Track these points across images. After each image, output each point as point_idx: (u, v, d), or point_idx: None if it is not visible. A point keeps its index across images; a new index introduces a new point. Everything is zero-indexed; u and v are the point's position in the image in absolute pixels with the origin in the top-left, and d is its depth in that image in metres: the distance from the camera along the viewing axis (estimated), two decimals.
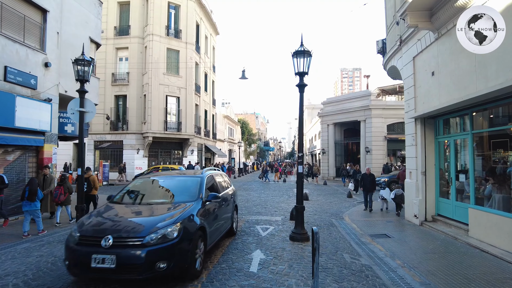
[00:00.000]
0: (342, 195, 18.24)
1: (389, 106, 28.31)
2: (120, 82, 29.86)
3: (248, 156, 69.41)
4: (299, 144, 7.57)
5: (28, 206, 8.22)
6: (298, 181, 7.53)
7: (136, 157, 29.08)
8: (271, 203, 14.34)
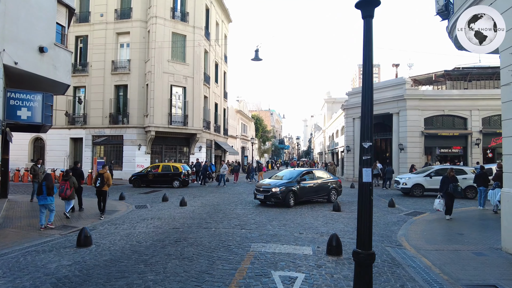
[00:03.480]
0: (380, 203, 14.49)
1: (427, 97, 24.20)
2: (121, 70, 26.88)
3: (262, 154, 65.93)
4: (365, 124, 4.07)
5: (44, 200, 8.65)
6: (363, 204, 3.98)
7: (137, 153, 26.05)
8: (291, 216, 10.74)
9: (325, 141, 55.91)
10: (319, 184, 14.00)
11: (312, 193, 13.74)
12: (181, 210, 11.63)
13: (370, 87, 4.15)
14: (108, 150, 27.29)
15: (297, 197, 12.86)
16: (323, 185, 14.11)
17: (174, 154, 28.02)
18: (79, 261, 5.64)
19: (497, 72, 27.64)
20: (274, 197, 12.45)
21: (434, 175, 16.87)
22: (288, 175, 13.95)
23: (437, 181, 16.05)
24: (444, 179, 10.52)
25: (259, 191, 13.05)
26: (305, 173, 14.10)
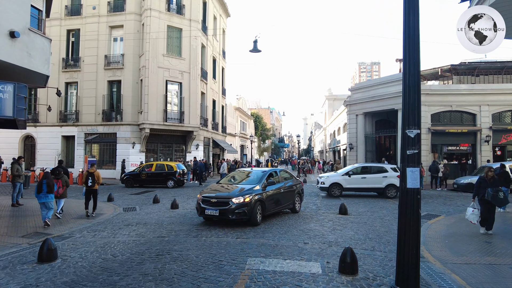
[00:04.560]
0: (388, 204, 13.41)
1: (434, 91, 23.10)
2: (114, 65, 25.77)
3: (261, 153, 64.87)
4: (410, 102, 2.95)
5: (45, 198, 8.84)
6: (407, 220, 2.90)
7: (131, 152, 24.96)
8: (294, 221, 9.64)
9: (325, 139, 54.83)
10: (285, 189, 10.41)
11: (279, 202, 10.01)
12: (171, 214, 10.54)
13: (416, 43, 3.01)
14: (101, 148, 26.22)
15: (264, 210, 9.13)
16: (289, 189, 10.64)
17: (170, 152, 26.94)
18: (30, 284, 4.55)
19: (506, 66, 26.57)
20: (236, 212, 8.35)
21: (352, 174, 15.94)
22: (250, 178, 10.23)
23: (357, 179, 15.75)
24: (480, 181, 8.19)
25: (209, 203, 8.75)
26: (271, 174, 10.24)
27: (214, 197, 8.79)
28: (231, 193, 8.86)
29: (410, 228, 2.81)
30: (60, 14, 26.02)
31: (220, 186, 9.85)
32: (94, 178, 10.49)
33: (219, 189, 9.57)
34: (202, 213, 8.84)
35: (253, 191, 8.88)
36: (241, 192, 8.84)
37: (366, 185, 15.70)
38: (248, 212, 8.43)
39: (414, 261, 2.86)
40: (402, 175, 2.86)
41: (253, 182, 9.61)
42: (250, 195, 8.67)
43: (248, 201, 8.50)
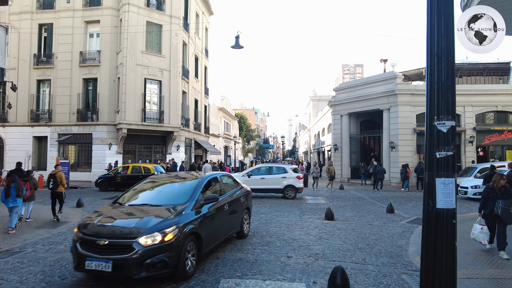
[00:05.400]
0: (376, 208, 12.84)
1: (420, 92, 22.81)
2: (90, 62, 24.47)
3: (246, 154, 64.05)
4: (440, 83, 2.18)
5: (13, 202, 8.52)
6: (437, 257, 2.00)
7: (107, 153, 23.70)
8: (277, 229, 8.87)
9: (310, 140, 54.53)
10: (231, 204, 6.87)
11: (223, 228, 6.44)
12: None
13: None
14: (76, 150, 24.86)
15: (201, 248, 5.48)
16: (236, 204, 7.16)
17: (149, 153, 25.81)
18: None
19: (488, 68, 26.75)
20: (148, 263, 4.59)
21: (252, 175, 15.71)
22: (175, 191, 6.35)
23: (256, 180, 15.34)
24: (487, 191, 6.50)
25: (94, 247, 4.73)
26: (209, 183, 6.59)
27: (104, 235, 4.72)
28: (139, 225, 4.83)
29: (443, 272, 1.90)
30: (32, 7, 24.56)
31: (120, 210, 5.63)
32: (56, 180, 10.06)
33: (117, 215, 5.41)
34: (79, 266, 4.68)
35: (180, 218, 5.06)
36: (157, 221, 4.89)
37: (265, 185, 15.40)
38: (170, 261, 4.67)
39: None
40: (428, 188, 2.08)
41: (180, 199, 5.68)
42: (175, 226, 4.86)
43: (171, 239, 4.70)
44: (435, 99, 2.18)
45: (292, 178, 15.41)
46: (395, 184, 22.40)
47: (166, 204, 5.63)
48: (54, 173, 10.21)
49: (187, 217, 5.21)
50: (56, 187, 10.08)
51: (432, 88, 2.17)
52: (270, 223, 9.31)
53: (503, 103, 22.95)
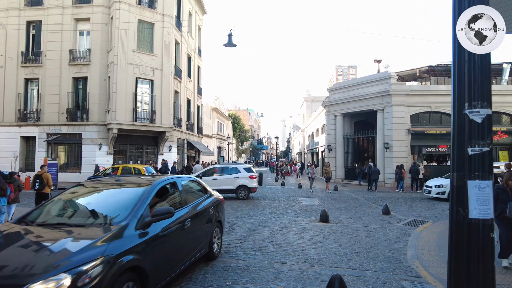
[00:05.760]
0: (371, 209, 12.60)
1: (414, 92, 22.75)
2: (80, 61, 23.93)
3: (240, 155, 63.77)
4: (469, 63, 1.90)
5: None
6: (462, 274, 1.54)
7: (98, 154, 23.20)
8: (270, 233, 8.54)
9: (304, 141, 54.39)
10: (195, 219, 5.30)
11: (183, 253, 4.80)
12: None
13: None
14: (65, 150, 24.29)
15: None
16: (202, 216, 5.59)
17: (141, 154, 25.32)
18: None
19: None
20: None
21: (203, 176, 15.50)
22: (112, 201, 4.59)
23: (208, 181, 14.54)
24: (497, 191, 5.64)
25: None
26: (161, 191, 4.90)
27: None
28: (36, 261, 3.07)
29: None
30: (19, 3, 23.95)
31: (19, 234, 3.76)
32: (42, 180, 9.84)
33: (9, 242, 3.55)
34: None
35: (110, 245, 3.37)
36: (71, 253, 3.16)
37: (218, 186, 14.80)
38: None
39: None
40: (457, 193, 1.70)
41: (116, 215, 4.01)
42: (100, 259, 3.15)
43: (88, 282, 2.94)
44: (465, 82, 1.83)
45: (245, 178, 15.18)
46: (390, 185, 22.25)
47: (94, 222, 3.89)
48: (40, 173, 10.01)
49: (123, 243, 3.44)
50: (42, 188, 9.89)
51: (462, 69, 1.83)
52: (263, 226, 8.98)
53: (496, 104, 22.89)
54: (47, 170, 19.05)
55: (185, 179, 5.98)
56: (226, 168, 16.40)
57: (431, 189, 15.45)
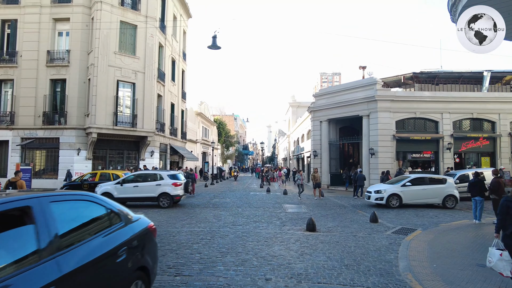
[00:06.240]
0: (358, 216, 12.30)
1: (399, 98, 22.81)
2: (59, 62, 22.98)
3: (225, 160, 63.08)
4: None
5: None
6: None
7: (76, 159, 22.22)
8: (254, 244, 8.06)
9: (289, 147, 54.23)
10: (89, 269, 2.99)
11: None
12: None
13: None
14: (41, 155, 23.19)
15: None
16: (104, 265, 3.23)
17: (121, 160, 24.45)
18: None
19: (463, 76, 27.18)
20: None
21: (124, 182, 14.82)
22: None
23: (129, 189, 14.57)
24: (508, 204, 5.10)
25: None
26: None
27: None
28: None
29: None
30: None
31: None
32: (16, 188, 9.16)
33: None
34: None
35: None
36: None
37: (139, 194, 14.64)
38: None
39: None
40: None
41: None
42: None
43: None
44: None
45: (168, 185, 14.59)
46: None
47: None
48: (14, 180, 9.47)
49: None
50: None
51: None
52: (247, 237, 8.49)
53: (478, 111, 23.26)
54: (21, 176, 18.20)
55: (62, 197, 3.41)
56: (148, 174, 15.72)
57: (371, 194, 15.26)
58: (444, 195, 14.73)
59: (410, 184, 14.92)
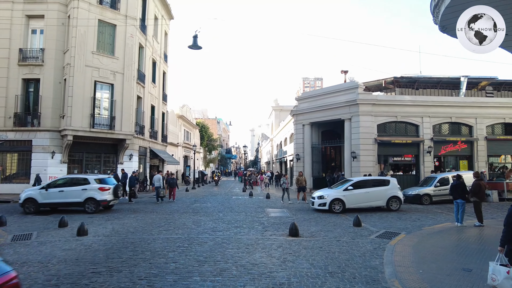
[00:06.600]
0: (341, 220, 12.10)
1: (380, 102, 22.97)
2: (32, 61, 21.98)
3: (207, 164, 62.34)
4: None
5: None
6: None
7: (50, 163, 21.22)
8: (235, 252, 7.67)
9: (272, 150, 54.10)
10: None
11: None
12: (73, 245, 7.95)
13: None
14: (12, 159, 22.03)
15: None
16: None
17: (99, 163, 23.53)
18: None
19: (442, 81, 27.73)
20: None
21: (49, 187, 14.29)
22: None
23: (54, 194, 14.07)
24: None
25: None
26: None
27: None
28: None
29: None
30: None
31: None
32: None
33: None
34: None
35: None
36: None
37: (64, 199, 14.15)
38: None
39: None
40: None
41: None
42: None
43: None
44: None
45: (94, 190, 14.06)
46: None
47: None
48: None
49: None
50: None
51: None
52: (227, 244, 8.08)
53: (456, 115, 23.71)
54: None
55: None
56: (75, 179, 15.12)
57: (314, 200, 14.89)
58: (388, 197, 14.50)
59: (352, 188, 14.55)
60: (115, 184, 15.33)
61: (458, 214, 10.57)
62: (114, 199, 15.12)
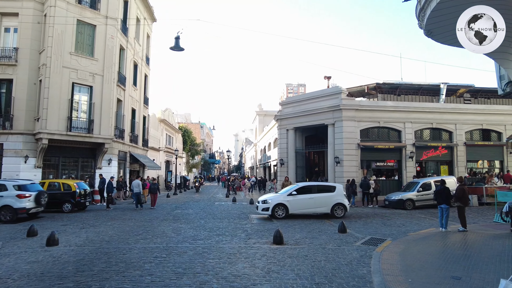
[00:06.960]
0: (325, 226, 11.87)
1: (363, 107, 23.10)
2: (4, 61, 20.95)
3: (190, 169, 61.41)
4: None
5: None
6: None
7: (23, 167, 20.18)
8: (216, 262, 7.26)
9: (256, 155, 53.84)
10: None
11: None
12: (39, 257, 7.34)
13: None
14: None
15: None
16: None
17: (76, 168, 22.60)
18: None
19: (422, 88, 28.25)
20: None
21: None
22: None
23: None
24: None
25: None
26: None
27: None
28: None
29: None
30: None
31: None
32: None
33: None
34: None
35: None
36: None
37: None
38: None
39: None
40: None
41: None
42: None
43: None
44: None
45: (11, 197, 13.00)
46: None
47: None
48: None
49: None
50: None
51: None
52: (208, 253, 7.66)
53: (437, 121, 24.11)
54: None
55: None
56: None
57: (259, 205, 14.66)
58: (333, 204, 14.10)
59: (296, 193, 14.22)
60: (38, 190, 14.20)
61: (442, 219, 10.52)
62: (37, 207, 13.89)
